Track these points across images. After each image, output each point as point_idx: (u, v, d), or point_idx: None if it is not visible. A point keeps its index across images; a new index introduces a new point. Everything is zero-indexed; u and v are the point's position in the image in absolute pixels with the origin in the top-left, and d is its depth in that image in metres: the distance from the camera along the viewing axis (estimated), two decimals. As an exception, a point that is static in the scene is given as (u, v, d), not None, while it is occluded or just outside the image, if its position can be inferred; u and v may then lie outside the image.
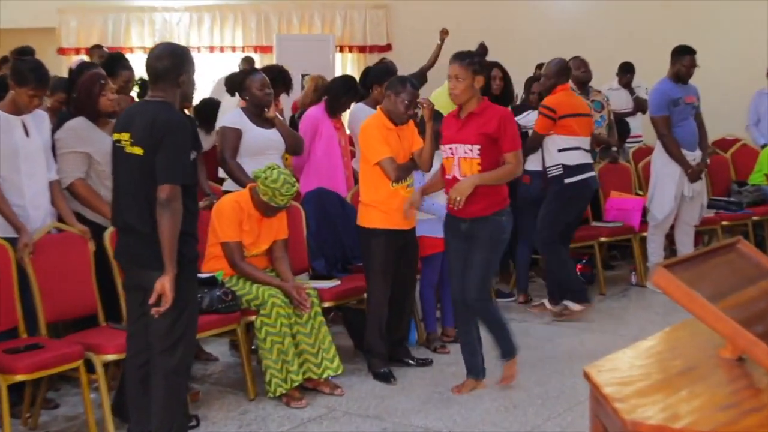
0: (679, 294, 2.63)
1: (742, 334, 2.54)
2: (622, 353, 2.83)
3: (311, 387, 5.82)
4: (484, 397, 5.80)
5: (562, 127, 7.41)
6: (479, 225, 5.61)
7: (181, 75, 4.47)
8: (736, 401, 2.45)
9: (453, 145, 5.63)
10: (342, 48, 14.00)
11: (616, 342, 6.53)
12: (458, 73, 5.58)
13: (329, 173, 7.14)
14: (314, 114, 7.31)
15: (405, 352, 6.44)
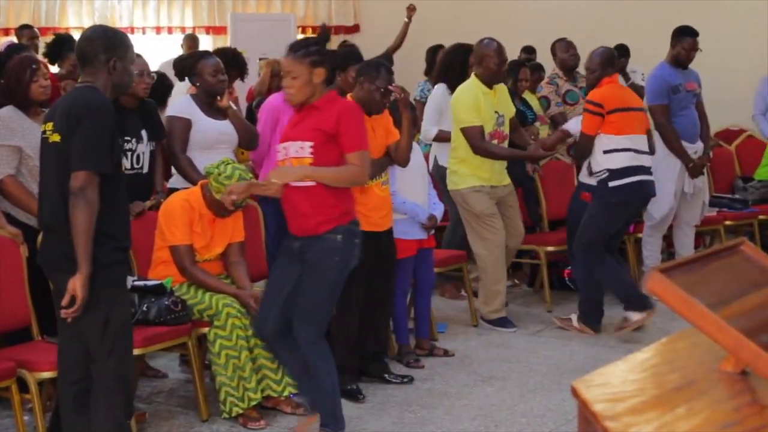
0: (677, 301, 2.65)
1: (746, 345, 2.56)
2: (614, 366, 2.84)
3: (270, 406, 5.82)
4: (462, 416, 5.83)
5: (609, 123, 7.26)
6: (311, 245, 5.15)
7: (112, 60, 4.47)
8: (739, 419, 2.46)
9: (286, 144, 5.24)
10: (304, 29, 13.99)
11: (607, 354, 6.61)
12: (292, 69, 5.16)
13: (291, 166, 7.12)
14: (274, 103, 7.27)
15: (382, 368, 6.45)
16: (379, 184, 6.12)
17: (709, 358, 2.80)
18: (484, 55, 7.41)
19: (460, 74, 8.10)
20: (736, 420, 2.45)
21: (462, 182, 7.50)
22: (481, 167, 7.44)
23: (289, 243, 5.27)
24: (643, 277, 8.55)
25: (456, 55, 8.28)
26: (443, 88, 8.19)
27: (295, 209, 5.14)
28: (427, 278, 6.97)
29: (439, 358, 6.86)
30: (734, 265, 3.02)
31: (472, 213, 7.50)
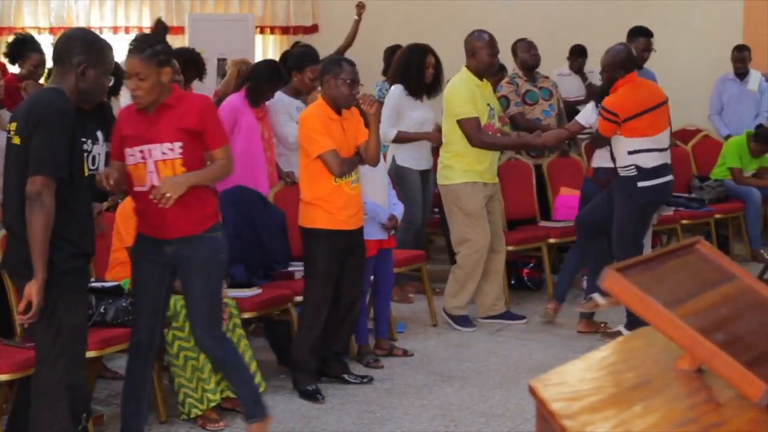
0: (633, 300, 2.66)
1: (702, 343, 2.58)
2: (572, 365, 2.86)
3: (230, 407, 5.80)
4: (421, 416, 5.83)
5: (629, 129, 7.05)
6: (191, 246, 5.04)
7: (83, 66, 4.43)
8: (695, 416, 2.48)
9: (144, 147, 4.96)
10: (263, 29, 13.94)
11: (566, 353, 6.62)
12: (139, 71, 4.94)
13: (249, 169, 7.10)
14: (233, 103, 7.27)
15: (342, 368, 6.45)
16: (349, 182, 6.11)
17: (665, 357, 2.82)
18: (477, 47, 7.45)
19: (417, 75, 8.10)
20: (692, 417, 2.47)
21: (456, 177, 7.48)
22: (477, 162, 7.44)
23: (156, 249, 5.05)
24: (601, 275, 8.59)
25: (413, 55, 8.22)
26: (400, 89, 8.16)
27: (167, 212, 4.93)
28: (386, 278, 6.96)
29: (399, 358, 6.87)
30: (690, 264, 3.04)
31: (462, 211, 7.50)
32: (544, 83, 9.18)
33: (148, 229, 5.05)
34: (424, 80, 8.12)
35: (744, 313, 2.90)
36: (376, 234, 6.69)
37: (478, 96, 7.40)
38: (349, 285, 6.26)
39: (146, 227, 5.06)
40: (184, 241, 5.02)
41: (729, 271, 3.08)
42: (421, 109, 8.23)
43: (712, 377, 2.63)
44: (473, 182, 7.44)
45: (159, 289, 5.10)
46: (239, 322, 5.83)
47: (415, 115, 8.17)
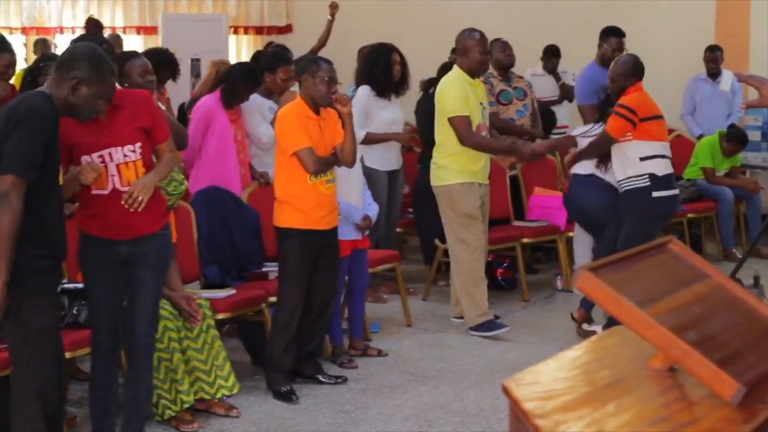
0: (606, 299, 2.67)
1: (674, 342, 2.59)
2: (545, 365, 2.86)
3: (204, 408, 5.79)
4: (396, 416, 5.83)
5: (644, 131, 6.90)
6: (147, 244, 5.01)
7: (77, 81, 4.46)
8: (668, 415, 2.49)
9: (104, 152, 4.85)
10: (237, 29, 13.93)
11: (539, 353, 6.59)
12: None
13: (222, 170, 7.08)
14: (207, 104, 7.25)
15: (315, 368, 6.44)
16: (324, 182, 6.10)
17: (638, 356, 2.83)
18: (469, 45, 7.33)
19: (384, 74, 8.09)
20: (665, 416, 2.48)
21: (450, 178, 7.36)
22: (471, 162, 7.33)
23: (111, 250, 4.95)
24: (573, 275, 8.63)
25: (378, 55, 8.19)
26: (367, 90, 8.11)
27: (128, 213, 4.88)
28: (361, 279, 6.96)
29: (373, 358, 6.87)
30: (663, 263, 3.06)
31: (456, 212, 7.37)
32: (518, 83, 9.20)
33: (103, 231, 4.94)
34: (391, 79, 8.10)
35: (716, 312, 2.91)
36: (350, 234, 6.68)
37: (470, 95, 7.30)
38: (322, 285, 6.25)
39: (101, 229, 4.94)
40: (140, 240, 4.98)
41: (701, 270, 3.09)
42: (390, 109, 8.22)
43: (685, 376, 2.64)
44: (469, 183, 7.33)
45: (116, 289, 5.04)
46: (213, 323, 5.81)
47: (384, 115, 8.16)
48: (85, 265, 5.08)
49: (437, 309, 8.24)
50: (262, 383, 6.26)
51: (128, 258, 4.99)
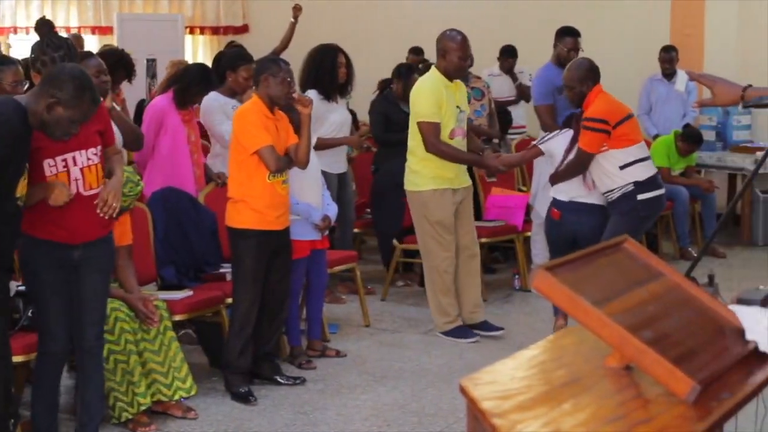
0: (562, 299, 2.69)
1: (630, 341, 2.62)
2: (502, 364, 2.88)
3: (161, 410, 5.76)
4: (354, 416, 5.84)
5: (619, 138, 6.72)
6: (97, 248, 5.00)
7: (56, 100, 4.47)
8: (624, 413, 2.52)
9: (68, 155, 4.82)
10: (193, 29, 13.88)
11: (497, 352, 6.64)
12: None
13: (176, 171, 7.04)
14: (160, 105, 7.21)
15: (273, 369, 6.42)
16: (280, 182, 6.10)
17: (594, 355, 2.86)
18: (448, 48, 7.09)
19: (330, 76, 7.98)
20: (621, 414, 2.51)
21: (424, 184, 7.17)
22: (444, 168, 7.12)
23: (63, 254, 4.91)
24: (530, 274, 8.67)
25: (324, 57, 8.03)
26: (315, 94, 7.86)
27: (85, 217, 4.88)
28: (319, 279, 6.95)
29: (331, 359, 6.86)
30: (618, 262, 3.09)
31: (428, 220, 7.19)
32: (476, 83, 9.23)
33: (58, 235, 4.89)
34: (337, 81, 8.03)
35: (671, 311, 2.94)
36: (309, 234, 6.67)
37: (444, 98, 7.05)
38: (277, 285, 6.24)
39: (56, 234, 4.89)
40: (91, 244, 4.96)
41: (656, 269, 3.12)
42: (339, 111, 8.16)
43: (641, 374, 2.67)
44: (442, 189, 7.13)
45: (67, 294, 4.99)
46: (170, 325, 5.79)
47: (334, 118, 8.11)
48: (35, 269, 4.98)
49: (395, 309, 8.25)
50: (220, 385, 6.24)
51: (80, 262, 4.96)
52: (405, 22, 12.79)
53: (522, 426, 2.40)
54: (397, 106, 8.76)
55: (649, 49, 10.97)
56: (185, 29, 13.55)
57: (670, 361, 2.55)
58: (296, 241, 6.54)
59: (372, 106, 9.06)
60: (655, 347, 2.59)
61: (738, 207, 10.71)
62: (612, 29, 11.66)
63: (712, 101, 3.97)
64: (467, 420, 2.74)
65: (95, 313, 5.08)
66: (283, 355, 6.77)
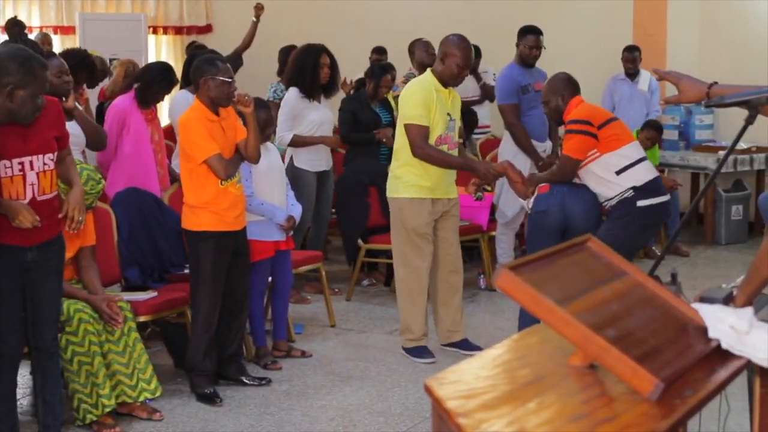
0: (526, 298, 2.71)
1: (593, 339, 2.63)
2: (467, 363, 2.88)
3: (126, 412, 5.74)
4: (320, 417, 5.84)
5: (609, 139, 6.31)
6: (50, 249, 4.99)
7: (12, 87, 4.48)
8: (588, 411, 2.53)
9: (24, 159, 4.79)
10: (156, 29, 13.82)
11: (463, 352, 6.69)
12: None
13: (139, 172, 7.02)
14: (122, 104, 7.18)
15: (239, 370, 6.41)
16: (234, 183, 6.09)
17: (558, 353, 2.87)
18: (449, 53, 6.67)
19: (311, 76, 8.07)
20: (585, 412, 2.52)
21: (403, 190, 6.75)
22: (425, 176, 6.67)
23: (17, 257, 4.86)
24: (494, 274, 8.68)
25: (307, 56, 8.16)
26: (296, 92, 8.11)
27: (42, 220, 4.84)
28: (284, 280, 6.93)
29: (297, 359, 6.86)
30: (581, 261, 3.10)
31: (405, 227, 6.77)
32: (439, 83, 9.25)
33: (11, 237, 4.83)
34: (319, 81, 8.10)
35: (634, 309, 2.96)
36: (273, 235, 6.67)
37: (435, 103, 6.65)
38: (236, 286, 6.23)
39: (9, 236, 4.83)
40: (44, 246, 4.94)
41: (619, 268, 3.14)
42: (319, 111, 8.22)
43: (605, 372, 2.68)
44: (420, 199, 6.70)
45: (20, 296, 4.95)
46: (134, 326, 5.77)
47: (313, 117, 8.16)
48: None
49: (361, 309, 8.26)
50: (185, 386, 6.22)
51: (33, 264, 4.93)
52: (369, 22, 12.80)
53: (487, 425, 2.40)
54: (368, 107, 8.79)
55: (612, 48, 11.02)
56: (148, 29, 13.49)
57: (633, 359, 2.57)
58: (260, 242, 6.54)
59: (342, 105, 9.09)
60: (618, 345, 2.61)
61: (701, 206, 10.78)
62: (575, 29, 11.72)
63: (678, 98, 3.98)
64: (432, 420, 2.75)
65: (51, 313, 5.08)
66: (248, 356, 6.76)
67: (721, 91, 3.78)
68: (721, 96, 3.72)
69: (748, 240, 10.64)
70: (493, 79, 10.46)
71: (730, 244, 10.59)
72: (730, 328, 2.91)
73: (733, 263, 9.59)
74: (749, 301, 3.08)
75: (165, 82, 7.20)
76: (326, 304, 7.80)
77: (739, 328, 2.91)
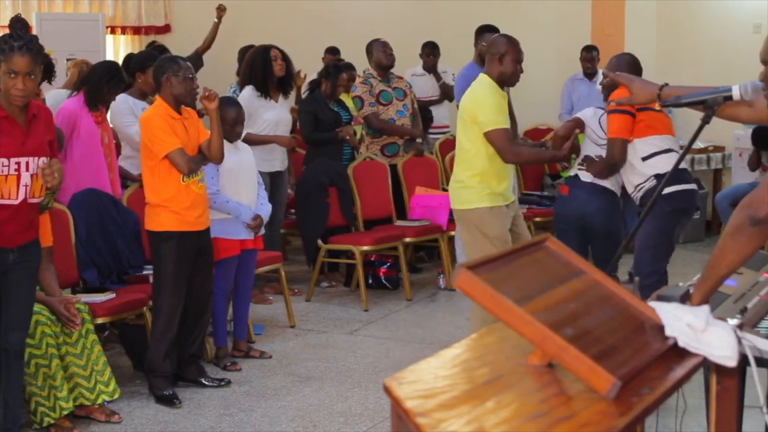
0: (484, 297, 2.70)
1: (551, 338, 2.63)
2: (426, 363, 2.88)
3: (84, 415, 5.71)
4: (280, 417, 5.83)
5: (644, 125, 6.19)
6: (29, 251, 5.03)
7: None
8: (546, 410, 2.53)
9: (21, 159, 4.81)
10: (114, 29, 13.73)
11: (423, 351, 6.69)
12: (32, 69, 4.78)
13: (90, 175, 6.93)
14: (71, 106, 7.09)
15: (198, 371, 6.39)
16: (196, 181, 6.06)
17: (517, 352, 2.88)
18: (506, 52, 6.45)
19: (263, 73, 8.06)
20: (544, 411, 2.52)
21: (479, 200, 6.29)
22: (498, 182, 6.32)
23: None
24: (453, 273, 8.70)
25: (257, 54, 8.18)
26: (250, 90, 8.10)
27: (24, 222, 4.91)
28: (246, 280, 6.91)
29: (257, 360, 6.85)
30: (539, 260, 3.11)
31: (488, 235, 6.29)
32: (398, 83, 9.28)
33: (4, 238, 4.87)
34: (272, 76, 8.07)
35: (592, 308, 2.97)
36: (240, 234, 6.65)
37: (503, 107, 6.37)
38: (200, 286, 6.21)
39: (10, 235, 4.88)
40: (24, 248, 4.95)
41: (577, 267, 3.15)
42: (276, 110, 8.19)
43: (563, 371, 2.69)
44: (499, 207, 6.32)
45: None
46: (92, 328, 5.74)
47: (268, 116, 8.14)
48: None
49: (321, 309, 8.25)
50: (144, 388, 6.19)
51: (13, 265, 4.92)
52: (327, 22, 12.78)
53: (445, 424, 2.40)
54: (326, 106, 8.78)
55: (570, 48, 11.07)
56: (106, 29, 13.40)
57: (591, 357, 2.58)
58: (226, 240, 6.53)
59: (301, 106, 9.08)
60: (576, 344, 2.61)
61: (659, 205, 10.83)
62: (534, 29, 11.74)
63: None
64: (391, 419, 2.74)
65: (24, 314, 5.06)
66: (207, 357, 6.73)
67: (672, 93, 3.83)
68: (678, 96, 3.76)
69: (706, 239, 10.73)
70: (452, 79, 10.48)
71: (687, 242, 10.65)
72: (687, 326, 2.93)
73: (691, 262, 9.65)
74: (706, 300, 3.10)
75: (113, 82, 7.10)
76: (286, 305, 7.78)
77: (696, 326, 2.92)
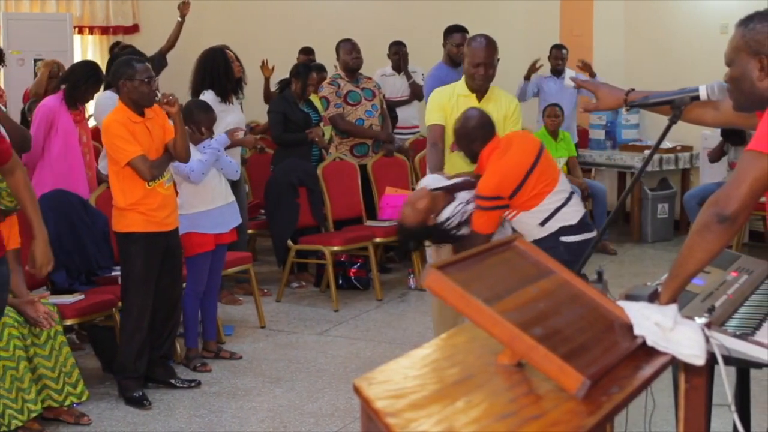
0: (454, 297, 2.71)
1: (520, 338, 2.64)
2: (396, 363, 2.88)
3: (52, 417, 5.68)
4: (251, 418, 5.82)
5: (523, 203, 5.36)
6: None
7: None
8: (516, 409, 2.54)
9: None
10: (81, 29, 13.66)
11: (393, 351, 6.70)
12: None
13: (67, 173, 6.95)
14: (50, 105, 7.11)
15: (168, 372, 6.37)
16: (162, 183, 6.05)
17: (486, 352, 2.88)
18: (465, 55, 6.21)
19: (226, 75, 7.91)
20: (513, 410, 2.53)
21: None
22: None
23: None
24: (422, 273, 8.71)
25: (215, 57, 7.98)
26: (212, 95, 7.80)
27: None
28: (213, 278, 6.89)
29: (227, 361, 6.83)
30: (509, 260, 3.12)
31: None
32: (366, 84, 9.27)
33: None
34: (234, 78, 7.97)
35: (561, 307, 2.98)
36: (216, 228, 6.64)
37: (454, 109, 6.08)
38: (169, 286, 6.19)
39: None
40: None
41: (546, 267, 3.16)
42: (234, 113, 8.06)
43: (532, 371, 2.70)
44: None
45: None
46: (61, 329, 5.71)
47: (230, 119, 8.03)
48: None
49: (291, 310, 8.24)
50: (113, 389, 6.17)
51: None
52: (296, 22, 12.77)
53: (415, 424, 2.40)
54: (296, 106, 8.76)
55: (539, 49, 11.09)
56: (74, 29, 13.33)
57: (560, 357, 2.59)
58: (200, 235, 6.53)
59: (270, 106, 9.04)
60: (545, 344, 2.62)
61: (628, 204, 10.89)
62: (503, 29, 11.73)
63: (597, 106, 4.07)
64: (361, 420, 2.75)
65: None
66: (177, 358, 6.71)
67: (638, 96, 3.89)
68: (645, 97, 3.81)
69: (674, 238, 10.77)
70: (422, 79, 10.49)
71: (656, 242, 10.72)
72: (655, 325, 2.95)
73: (659, 261, 9.71)
74: (674, 298, 3.11)
75: (92, 81, 7.13)
76: (256, 306, 7.77)
77: (664, 325, 2.94)
